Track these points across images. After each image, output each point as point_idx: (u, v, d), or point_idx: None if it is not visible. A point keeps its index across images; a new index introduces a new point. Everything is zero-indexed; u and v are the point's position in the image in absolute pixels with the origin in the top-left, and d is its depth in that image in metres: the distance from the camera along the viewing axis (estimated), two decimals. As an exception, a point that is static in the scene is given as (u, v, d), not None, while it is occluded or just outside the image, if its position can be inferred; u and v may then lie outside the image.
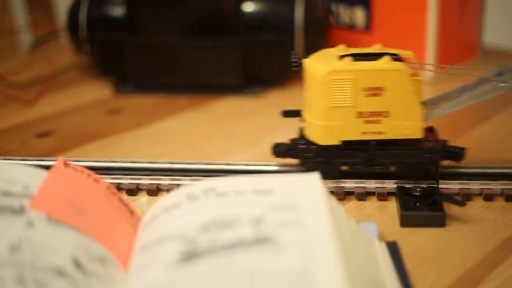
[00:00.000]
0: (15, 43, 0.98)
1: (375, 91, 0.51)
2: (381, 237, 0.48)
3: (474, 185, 0.54)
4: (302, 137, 0.55)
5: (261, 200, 0.41)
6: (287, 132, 0.68)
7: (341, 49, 0.53)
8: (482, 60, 0.86)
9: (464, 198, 0.53)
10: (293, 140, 0.55)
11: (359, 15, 0.84)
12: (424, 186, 0.52)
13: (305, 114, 0.54)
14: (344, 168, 0.54)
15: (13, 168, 0.45)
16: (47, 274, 0.36)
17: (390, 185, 0.54)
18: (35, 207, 0.41)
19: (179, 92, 0.79)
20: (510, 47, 0.91)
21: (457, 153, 0.54)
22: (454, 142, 0.64)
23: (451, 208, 0.51)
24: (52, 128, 0.71)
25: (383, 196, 0.54)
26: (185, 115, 0.74)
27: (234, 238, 0.38)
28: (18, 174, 0.44)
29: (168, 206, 0.43)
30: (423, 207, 0.50)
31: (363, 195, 0.54)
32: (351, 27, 0.85)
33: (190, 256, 0.37)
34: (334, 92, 0.51)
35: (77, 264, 0.38)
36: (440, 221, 0.49)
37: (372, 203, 0.54)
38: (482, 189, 0.53)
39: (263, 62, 0.79)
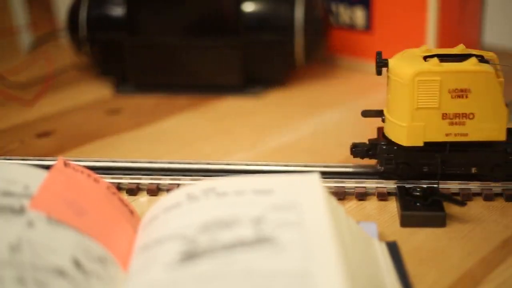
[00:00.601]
0: (15, 43, 0.98)
1: (461, 93, 0.51)
2: (381, 237, 0.48)
3: (474, 185, 0.54)
4: (382, 137, 0.54)
5: (261, 200, 0.41)
6: (287, 132, 0.68)
7: (424, 50, 0.53)
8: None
9: (464, 198, 0.53)
10: (373, 141, 0.55)
11: (359, 15, 0.84)
12: (424, 186, 0.52)
13: (388, 115, 0.53)
14: (425, 169, 0.54)
15: (13, 168, 0.45)
16: (47, 274, 0.36)
17: (390, 185, 0.54)
18: (35, 207, 0.41)
19: (179, 92, 0.79)
20: (510, 47, 0.91)
21: None
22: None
23: (451, 208, 0.51)
24: (52, 128, 0.71)
25: (383, 196, 0.54)
26: (185, 115, 0.74)
27: (234, 238, 0.38)
28: (18, 174, 0.44)
29: (168, 206, 0.43)
30: (423, 207, 0.50)
31: (363, 195, 0.54)
32: (351, 27, 0.85)
33: (190, 256, 0.37)
34: (420, 93, 0.51)
35: (77, 264, 0.38)
36: (440, 221, 0.49)
37: (372, 203, 0.54)
38: (482, 189, 0.53)
39: (263, 62, 0.79)
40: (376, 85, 0.79)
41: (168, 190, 0.56)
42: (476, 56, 0.52)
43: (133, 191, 0.56)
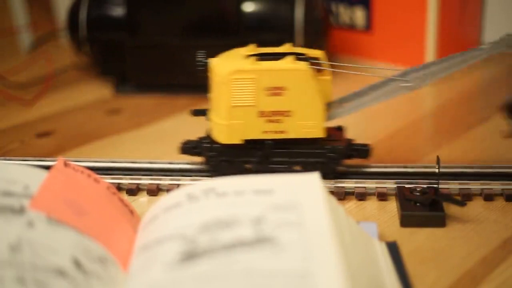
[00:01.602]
0: (15, 43, 0.98)
1: (276, 91, 0.51)
2: (381, 237, 0.48)
3: (474, 185, 0.54)
4: (208, 136, 0.55)
5: (261, 200, 0.41)
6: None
7: (250, 49, 0.54)
8: (482, 60, 0.86)
9: (464, 198, 0.53)
10: (200, 138, 0.56)
11: (359, 15, 0.84)
12: (424, 186, 0.52)
13: (211, 113, 0.54)
14: (248, 166, 0.55)
15: (13, 168, 0.45)
16: (47, 274, 0.36)
17: (390, 185, 0.54)
18: (35, 207, 0.41)
19: (179, 92, 0.79)
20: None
21: (363, 151, 0.55)
22: (454, 142, 0.65)
23: (451, 208, 0.51)
24: (52, 128, 0.71)
25: (383, 196, 0.54)
26: (185, 115, 0.74)
27: (234, 238, 0.38)
28: (18, 174, 0.44)
29: (168, 206, 0.43)
30: (423, 207, 0.50)
31: (363, 195, 0.54)
32: (351, 27, 0.85)
33: (190, 256, 0.37)
34: (237, 91, 0.51)
35: (77, 264, 0.38)
36: (440, 221, 0.49)
37: (372, 203, 0.54)
38: (482, 189, 0.53)
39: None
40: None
41: (168, 190, 0.56)
42: (298, 54, 0.52)
43: (133, 191, 0.56)
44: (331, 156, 0.54)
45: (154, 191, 0.56)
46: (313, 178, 0.44)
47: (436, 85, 0.80)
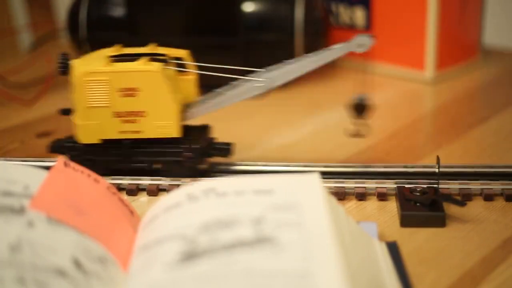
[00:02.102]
0: (15, 43, 0.98)
1: (130, 92, 0.53)
2: (381, 237, 0.48)
3: (474, 185, 0.54)
4: (72, 135, 0.56)
5: (261, 200, 0.41)
6: (287, 132, 0.68)
7: (113, 49, 0.55)
8: (482, 60, 0.86)
9: (464, 198, 0.53)
10: (66, 138, 0.57)
11: (359, 15, 0.84)
12: (424, 186, 0.52)
13: (72, 114, 0.55)
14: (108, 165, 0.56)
15: (13, 168, 0.45)
16: (47, 274, 0.36)
17: (390, 185, 0.54)
18: (35, 207, 0.41)
19: (179, 92, 0.79)
20: (510, 47, 0.91)
21: (225, 149, 0.56)
22: (454, 142, 0.65)
23: (451, 208, 0.51)
24: (52, 128, 0.71)
25: (383, 196, 0.54)
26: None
27: (234, 238, 0.38)
28: (18, 174, 0.44)
29: (168, 206, 0.43)
30: (423, 207, 0.50)
31: (363, 195, 0.54)
32: (351, 27, 0.85)
33: (190, 256, 0.37)
34: (91, 92, 0.53)
35: (77, 264, 0.38)
36: (440, 221, 0.49)
37: (372, 203, 0.54)
38: (482, 189, 0.53)
39: (263, 62, 0.78)
40: (377, 85, 0.79)
41: (168, 190, 0.56)
42: (159, 55, 0.54)
43: (133, 191, 0.56)
44: (188, 155, 0.55)
45: (154, 191, 0.56)
46: (313, 178, 0.44)
47: (436, 85, 0.80)
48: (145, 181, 0.56)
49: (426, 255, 0.46)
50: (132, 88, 0.53)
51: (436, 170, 0.52)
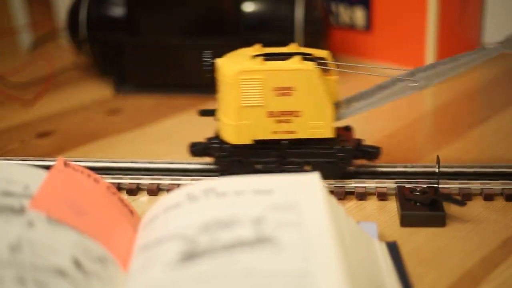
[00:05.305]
0: (15, 43, 0.98)
1: (284, 91, 0.51)
2: (381, 237, 0.48)
3: (474, 185, 0.54)
4: (217, 136, 0.55)
5: (261, 200, 0.41)
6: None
7: (256, 49, 0.54)
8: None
9: (464, 198, 0.53)
10: (209, 139, 0.56)
11: (359, 15, 0.84)
12: (424, 186, 0.52)
13: (219, 114, 0.54)
14: (258, 167, 0.55)
15: (13, 168, 0.45)
16: (47, 274, 0.36)
17: (390, 185, 0.54)
18: (35, 207, 0.41)
19: (179, 92, 0.79)
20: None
21: (372, 152, 0.55)
22: (454, 142, 0.65)
23: (451, 208, 0.51)
24: (52, 128, 0.71)
25: (383, 196, 0.54)
26: (185, 115, 0.74)
27: (234, 238, 0.38)
28: (18, 174, 0.44)
29: (168, 206, 0.43)
30: (423, 207, 0.50)
31: (363, 195, 0.54)
32: (351, 27, 0.85)
33: (190, 256, 0.37)
34: (244, 91, 0.51)
35: (77, 264, 0.38)
36: (440, 221, 0.49)
37: (372, 203, 0.54)
38: (482, 189, 0.53)
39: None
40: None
41: (168, 190, 0.56)
42: (305, 54, 0.52)
43: (133, 191, 0.56)
44: (340, 156, 0.53)
45: (154, 191, 0.56)
46: (313, 178, 0.44)
47: (436, 85, 0.80)
48: (145, 180, 0.56)
49: (426, 255, 0.46)
50: (287, 87, 0.51)
51: (436, 170, 0.52)
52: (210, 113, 0.55)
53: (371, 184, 0.54)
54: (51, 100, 0.79)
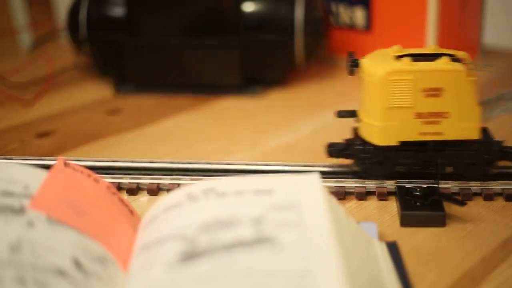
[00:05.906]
0: (15, 43, 0.98)
1: (434, 92, 0.51)
2: (381, 237, 0.48)
3: (474, 185, 0.54)
4: (357, 137, 0.54)
5: (261, 200, 0.41)
6: (287, 132, 0.68)
7: (396, 50, 0.53)
8: (482, 60, 0.86)
9: (464, 198, 0.53)
10: (348, 140, 0.55)
11: (359, 15, 0.84)
12: (424, 186, 0.52)
13: (362, 115, 0.53)
14: (400, 168, 0.54)
15: (13, 168, 0.45)
16: (47, 274, 0.36)
17: (390, 185, 0.54)
18: (35, 207, 0.41)
19: (179, 92, 0.79)
20: (510, 47, 0.91)
21: None
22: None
23: (451, 208, 0.51)
24: (52, 128, 0.71)
25: (383, 196, 0.54)
26: (185, 115, 0.74)
27: (234, 238, 0.38)
28: (18, 174, 0.44)
29: (168, 206, 0.43)
30: (423, 207, 0.50)
31: (363, 195, 0.54)
32: (351, 27, 0.85)
33: (190, 256, 0.37)
34: (393, 92, 0.51)
35: (77, 264, 0.38)
36: (440, 221, 0.49)
37: (372, 203, 0.54)
38: (482, 189, 0.53)
39: (263, 62, 0.79)
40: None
41: (168, 190, 0.56)
42: (448, 55, 0.52)
43: (133, 191, 0.56)
44: (485, 158, 0.53)
45: (154, 191, 0.56)
46: (313, 178, 0.44)
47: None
48: (145, 180, 0.56)
49: (426, 255, 0.46)
50: (436, 88, 0.50)
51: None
52: (349, 114, 0.54)
53: (371, 184, 0.54)
54: (51, 100, 0.79)
